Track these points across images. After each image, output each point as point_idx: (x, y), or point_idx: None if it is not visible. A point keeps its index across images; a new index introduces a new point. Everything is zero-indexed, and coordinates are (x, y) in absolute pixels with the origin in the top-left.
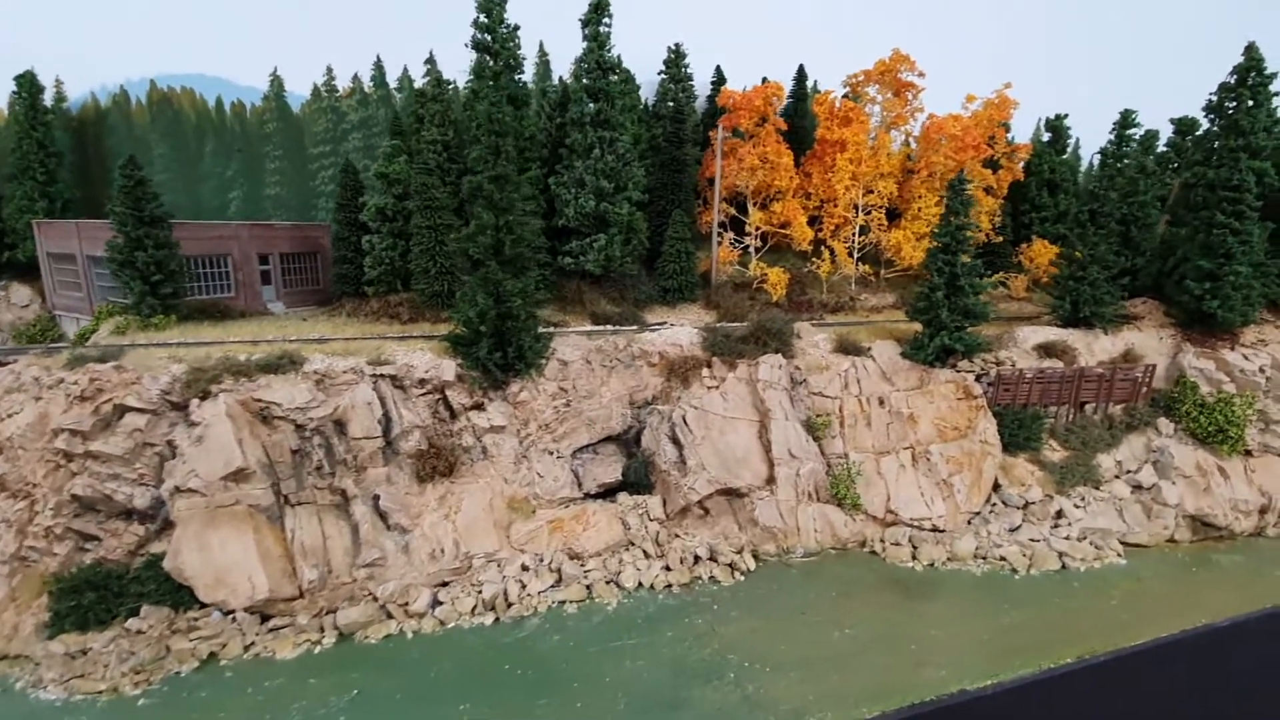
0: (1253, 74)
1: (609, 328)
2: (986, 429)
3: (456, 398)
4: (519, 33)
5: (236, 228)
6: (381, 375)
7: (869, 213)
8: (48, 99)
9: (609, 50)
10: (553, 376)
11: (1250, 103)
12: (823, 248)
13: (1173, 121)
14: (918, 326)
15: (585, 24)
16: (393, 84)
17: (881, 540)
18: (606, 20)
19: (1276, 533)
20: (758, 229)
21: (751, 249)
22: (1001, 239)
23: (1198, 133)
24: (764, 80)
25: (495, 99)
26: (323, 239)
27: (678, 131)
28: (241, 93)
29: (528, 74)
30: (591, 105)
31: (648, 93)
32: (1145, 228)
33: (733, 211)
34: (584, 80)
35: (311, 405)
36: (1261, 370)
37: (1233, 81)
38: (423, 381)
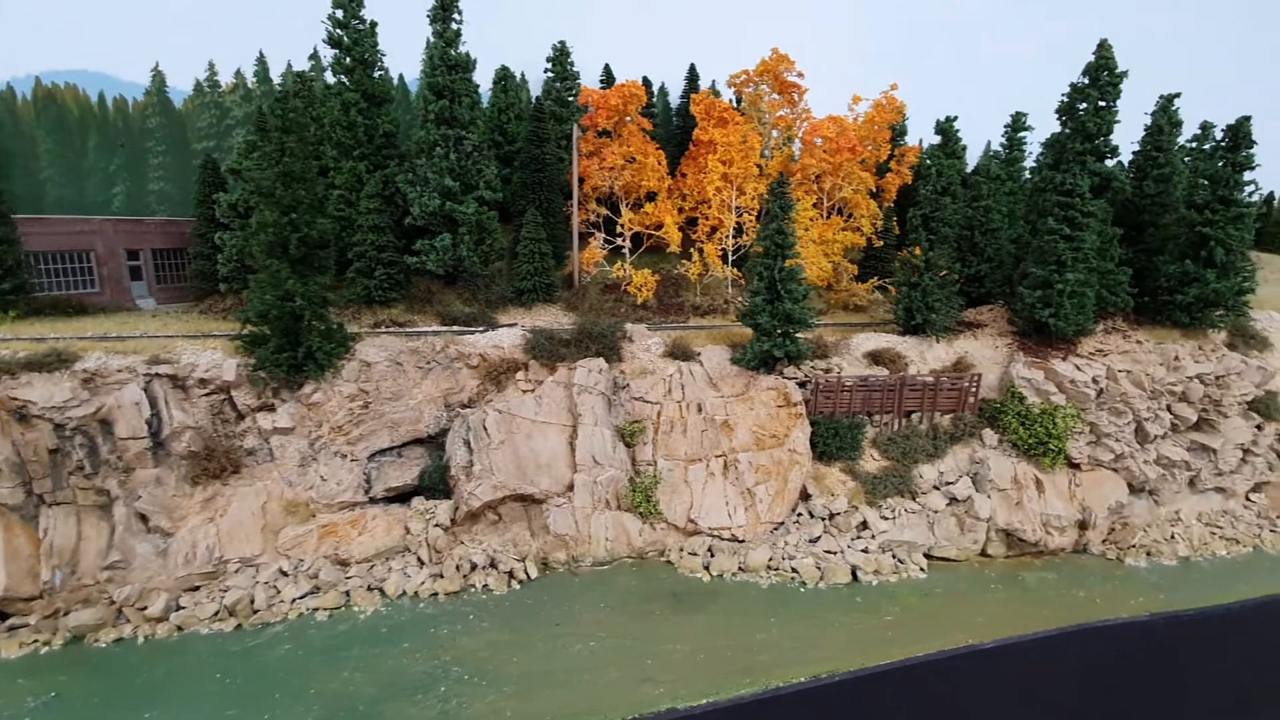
0: (1104, 73)
1: (433, 329)
2: (798, 438)
3: (242, 398)
4: (376, 29)
5: (100, 223)
6: (157, 374)
7: (742, 215)
8: None
9: (458, 48)
10: (351, 378)
11: (1100, 104)
12: (693, 249)
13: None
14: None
15: (433, 21)
16: (277, 79)
17: (681, 550)
18: (456, 17)
19: (1103, 549)
20: (629, 230)
21: (625, 250)
22: (882, 244)
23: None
24: (645, 80)
25: (351, 96)
26: None
27: (538, 130)
28: (125, 88)
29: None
30: (436, 102)
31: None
32: (989, 233)
33: (606, 212)
34: (430, 77)
35: (71, 404)
36: (1095, 381)
37: (1084, 82)
38: (204, 381)
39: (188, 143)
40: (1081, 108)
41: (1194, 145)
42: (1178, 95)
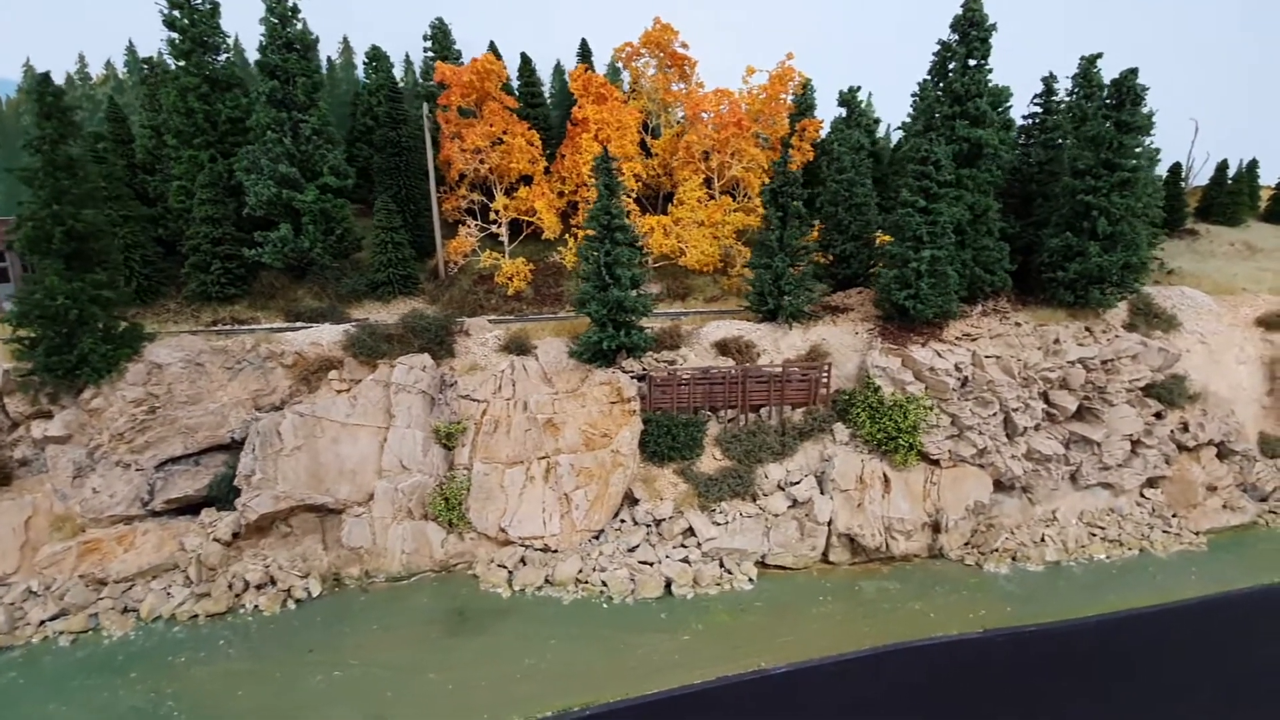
0: (972, 29)
1: (246, 327)
2: (625, 437)
3: (15, 405)
4: (219, 11)
5: None
6: None
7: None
8: None
9: (293, 25)
10: (138, 381)
11: (969, 62)
12: (568, 235)
13: None
14: None
15: None
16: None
17: (491, 562)
18: None
19: (961, 554)
20: (504, 217)
21: (503, 239)
22: None
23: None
24: (524, 56)
25: (190, 81)
26: None
27: (393, 111)
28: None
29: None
30: (268, 83)
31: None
32: (854, 209)
33: (481, 199)
34: (263, 57)
35: None
36: (958, 369)
37: (954, 40)
38: None
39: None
40: (951, 68)
41: (1077, 101)
42: (1099, 56)
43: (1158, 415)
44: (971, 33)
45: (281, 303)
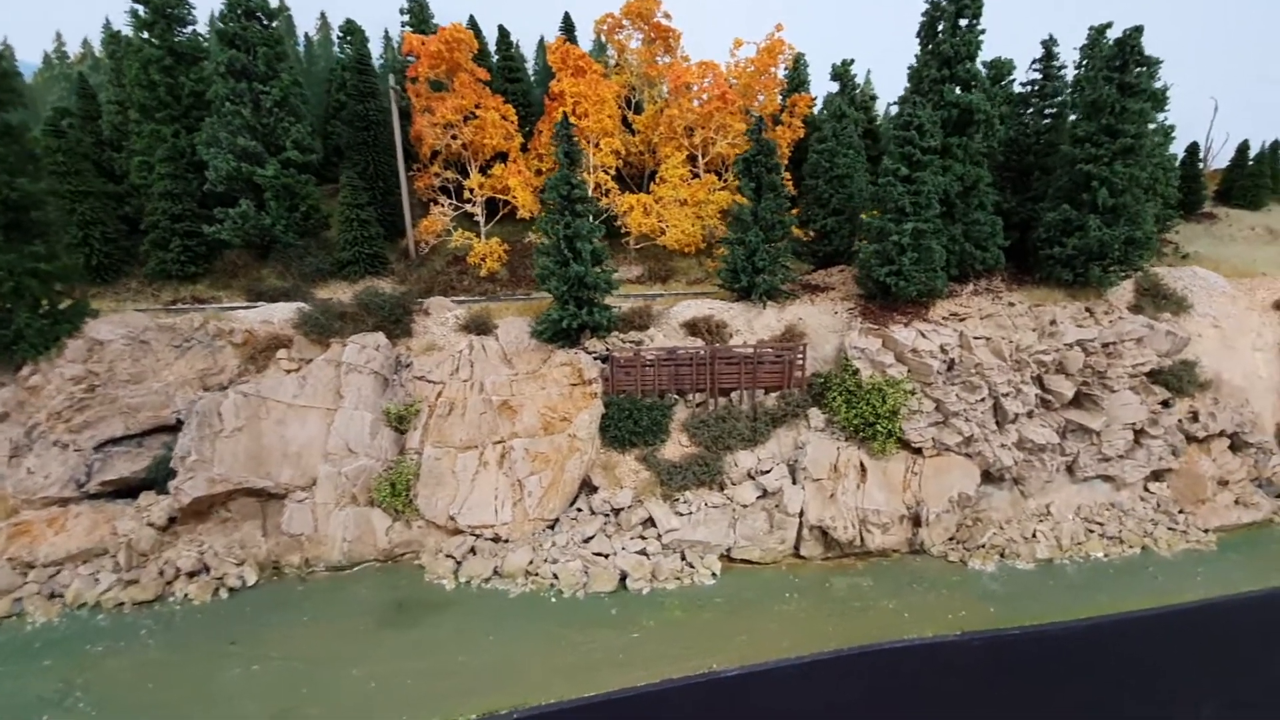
0: None
1: (206, 306)
2: (583, 421)
3: None
4: None
5: None
6: None
7: (596, 173)
8: None
9: None
10: (78, 358)
11: (960, 21)
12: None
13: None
14: None
15: None
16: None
17: (439, 552)
18: None
19: (944, 550)
20: (479, 196)
21: (479, 218)
22: None
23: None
24: (502, 29)
25: (152, 53)
26: None
27: (361, 84)
28: None
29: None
30: (226, 53)
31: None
32: (835, 181)
33: (456, 176)
34: (222, 25)
35: None
36: (943, 351)
37: None
38: None
39: (40, 118)
40: (940, 29)
41: (1085, 75)
42: (1109, 26)
43: (1165, 403)
44: None
45: (244, 282)
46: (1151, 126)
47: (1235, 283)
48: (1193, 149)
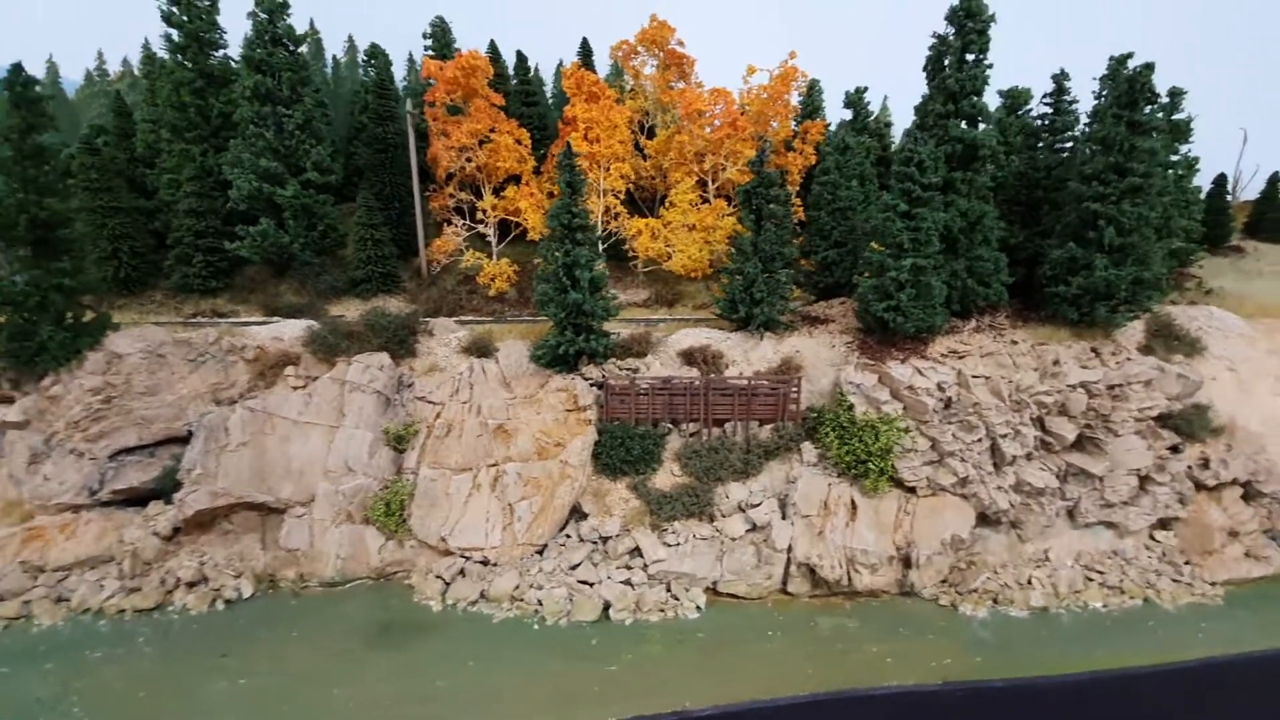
0: (968, 20)
1: (226, 321)
2: (575, 447)
3: None
4: (218, 6)
5: None
6: None
7: (607, 197)
8: None
9: (283, 20)
10: (97, 370)
11: (966, 57)
12: None
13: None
14: None
15: None
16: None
17: (430, 573)
18: None
19: (936, 593)
20: (492, 217)
21: (491, 239)
22: None
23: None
24: (520, 55)
25: (184, 75)
26: None
27: (381, 108)
28: None
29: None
30: (252, 77)
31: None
32: (837, 213)
33: (470, 198)
34: (248, 52)
35: None
36: (940, 389)
37: (950, 33)
38: None
39: (80, 134)
40: (946, 64)
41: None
42: (1129, 56)
43: (1174, 449)
44: (968, 24)
45: (262, 297)
46: (1174, 158)
47: (1255, 323)
48: (1220, 180)
